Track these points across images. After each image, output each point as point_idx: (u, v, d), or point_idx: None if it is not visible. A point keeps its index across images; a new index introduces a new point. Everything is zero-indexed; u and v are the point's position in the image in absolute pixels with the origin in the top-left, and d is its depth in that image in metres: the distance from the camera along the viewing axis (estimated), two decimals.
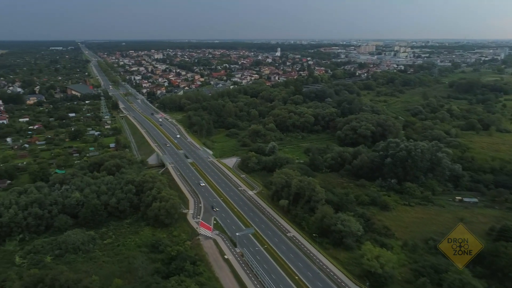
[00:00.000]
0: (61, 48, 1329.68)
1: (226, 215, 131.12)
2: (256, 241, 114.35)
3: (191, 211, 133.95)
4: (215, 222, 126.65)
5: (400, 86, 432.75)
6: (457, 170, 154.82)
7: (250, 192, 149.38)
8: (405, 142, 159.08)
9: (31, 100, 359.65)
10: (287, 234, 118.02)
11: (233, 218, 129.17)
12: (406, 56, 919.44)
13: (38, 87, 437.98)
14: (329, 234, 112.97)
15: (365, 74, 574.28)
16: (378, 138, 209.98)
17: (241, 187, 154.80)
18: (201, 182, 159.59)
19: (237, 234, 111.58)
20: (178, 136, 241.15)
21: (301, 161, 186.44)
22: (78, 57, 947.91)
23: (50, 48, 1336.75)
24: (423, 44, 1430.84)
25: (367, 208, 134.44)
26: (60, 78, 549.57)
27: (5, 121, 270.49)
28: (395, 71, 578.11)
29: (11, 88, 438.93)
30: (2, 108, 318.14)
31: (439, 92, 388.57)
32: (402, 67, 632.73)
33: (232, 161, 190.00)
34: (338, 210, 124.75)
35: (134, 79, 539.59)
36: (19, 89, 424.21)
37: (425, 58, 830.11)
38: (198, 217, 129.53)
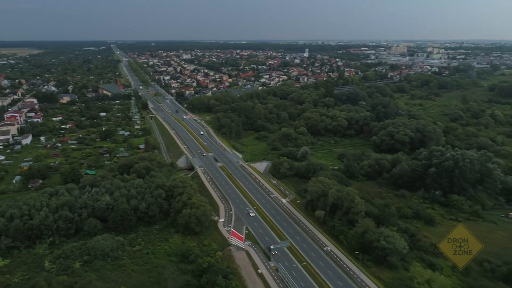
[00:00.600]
0: (93, 48, 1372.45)
1: (259, 224, 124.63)
2: (291, 255, 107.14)
3: (221, 219, 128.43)
4: (247, 231, 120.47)
5: (436, 89, 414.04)
6: (510, 182, 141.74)
7: (283, 200, 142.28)
8: (451, 151, 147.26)
9: (64, 99, 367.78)
10: (324, 248, 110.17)
11: (265, 228, 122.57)
12: (440, 58, 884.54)
13: (71, 86, 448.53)
14: (370, 250, 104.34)
15: (397, 76, 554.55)
16: (417, 144, 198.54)
17: (273, 194, 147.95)
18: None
19: (271, 247, 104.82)
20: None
21: (335, 167, 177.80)
22: (110, 57, 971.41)
23: (84, 48, 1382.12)
24: (457, 45, 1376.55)
25: (410, 222, 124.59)
26: (92, 77, 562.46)
27: (39, 120, 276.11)
28: (429, 73, 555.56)
29: (45, 87, 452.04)
30: (37, 106, 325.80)
31: (478, 95, 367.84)
32: (437, 69, 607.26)
33: (262, 166, 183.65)
34: (379, 224, 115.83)
35: (163, 79, 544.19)
36: (53, 88, 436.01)
37: (461, 60, 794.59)
38: (229, 225, 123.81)
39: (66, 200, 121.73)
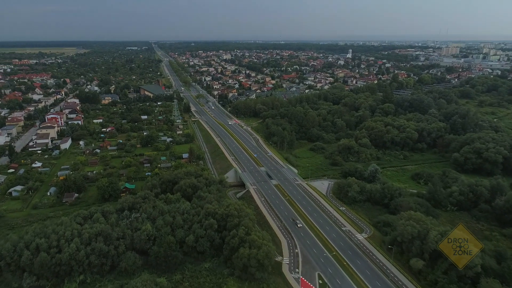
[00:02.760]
0: (136, 48, 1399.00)
1: (334, 271, 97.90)
2: None
3: (286, 259, 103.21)
4: (320, 281, 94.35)
5: (506, 95, 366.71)
6: None
7: (359, 236, 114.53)
8: None
9: (106, 99, 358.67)
10: None
11: (344, 277, 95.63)
12: (499, 59, 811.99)
13: (113, 86, 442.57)
14: None
15: (456, 80, 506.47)
16: (511, 166, 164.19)
17: (345, 226, 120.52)
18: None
19: None
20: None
21: (414, 191, 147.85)
22: (151, 57, 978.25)
23: (127, 48, 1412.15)
24: None
25: None
26: (134, 77, 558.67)
27: (80, 122, 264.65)
28: (492, 76, 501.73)
29: (89, 86, 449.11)
30: (78, 107, 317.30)
31: None
32: (499, 72, 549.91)
33: (323, 185, 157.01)
34: (502, 283, 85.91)
35: (205, 79, 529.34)
36: (96, 88, 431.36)
37: None
38: (297, 270, 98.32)
39: (101, 229, 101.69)
